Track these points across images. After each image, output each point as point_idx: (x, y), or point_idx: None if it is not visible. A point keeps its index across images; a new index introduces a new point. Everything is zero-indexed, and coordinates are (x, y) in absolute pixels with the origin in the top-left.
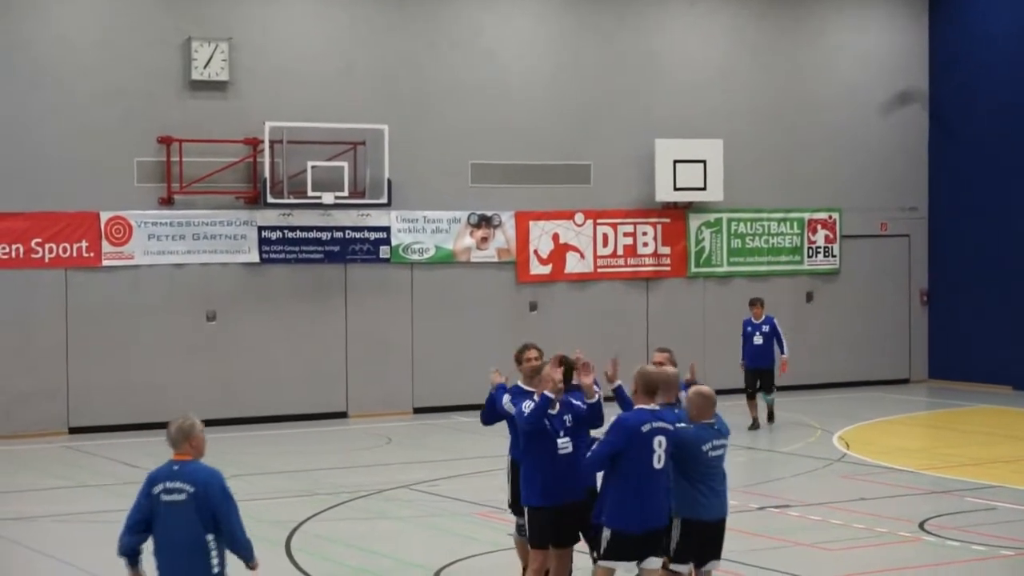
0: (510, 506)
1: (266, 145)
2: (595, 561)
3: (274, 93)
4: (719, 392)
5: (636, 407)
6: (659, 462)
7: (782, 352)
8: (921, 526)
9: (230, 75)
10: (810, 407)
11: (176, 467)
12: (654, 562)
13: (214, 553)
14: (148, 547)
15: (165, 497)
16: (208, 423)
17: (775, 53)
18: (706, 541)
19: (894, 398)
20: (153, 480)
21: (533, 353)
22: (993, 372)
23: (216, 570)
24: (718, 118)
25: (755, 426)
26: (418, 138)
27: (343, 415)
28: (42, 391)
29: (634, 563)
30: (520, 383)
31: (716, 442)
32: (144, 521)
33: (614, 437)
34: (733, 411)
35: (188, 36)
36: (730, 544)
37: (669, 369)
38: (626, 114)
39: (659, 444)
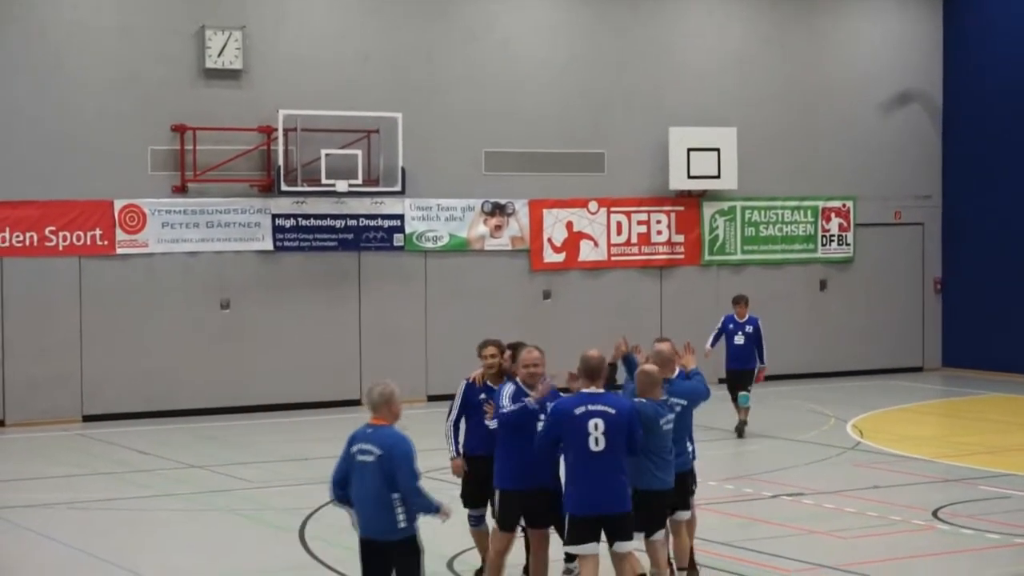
0: (463, 497)
1: (280, 133)
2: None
3: (288, 81)
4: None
5: (579, 391)
6: (596, 444)
7: (760, 360)
8: (935, 514)
9: (244, 63)
10: (823, 395)
11: (371, 430)
12: (623, 546)
13: (400, 509)
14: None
15: (359, 457)
16: (222, 411)
17: (789, 41)
18: (654, 511)
19: (908, 386)
20: (352, 440)
21: (490, 350)
22: (1007, 360)
23: (402, 524)
24: (732, 106)
25: (742, 427)
26: (432, 126)
27: (357, 403)
28: (56, 379)
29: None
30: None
31: (669, 416)
32: (346, 474)
33: (547, 421)
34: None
35: (202, 24)
36: (744, 532)
37: (664, 346)
38: (640, 102)
39: (595, 427)
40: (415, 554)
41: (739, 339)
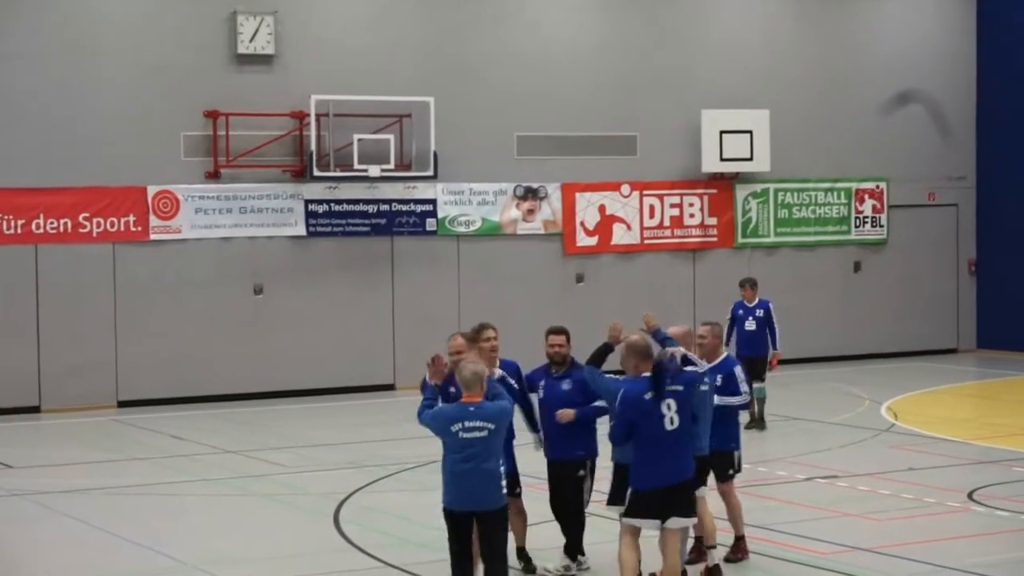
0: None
1: (312, 118)
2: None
3: (320, 66)
4: None
5: (640, 376)
6: (671, 424)
7: (774, 346)
8: (970, 496)
9: (276, 48)
10: (858, 377)
11: (472, 408)
12: (676, 522)
13: (503, 478)
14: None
15: (465, 435)
16: (255, 396)
17: (821, 21)
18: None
19: (942, 368)
20: (449, 418)
21: (491, 333)
22: None
23: (505, 490)
24: (764, 88)
25: (752, 420)
26: (464, 110)
27: (390, 387)
28: (91, 365)
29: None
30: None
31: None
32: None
33: (621, 410)
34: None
35: (234, 10)
36: (778, 514)
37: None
38: (672, 85)
39: (668, 407)
40: (506, 516)
41: (750, 324)
